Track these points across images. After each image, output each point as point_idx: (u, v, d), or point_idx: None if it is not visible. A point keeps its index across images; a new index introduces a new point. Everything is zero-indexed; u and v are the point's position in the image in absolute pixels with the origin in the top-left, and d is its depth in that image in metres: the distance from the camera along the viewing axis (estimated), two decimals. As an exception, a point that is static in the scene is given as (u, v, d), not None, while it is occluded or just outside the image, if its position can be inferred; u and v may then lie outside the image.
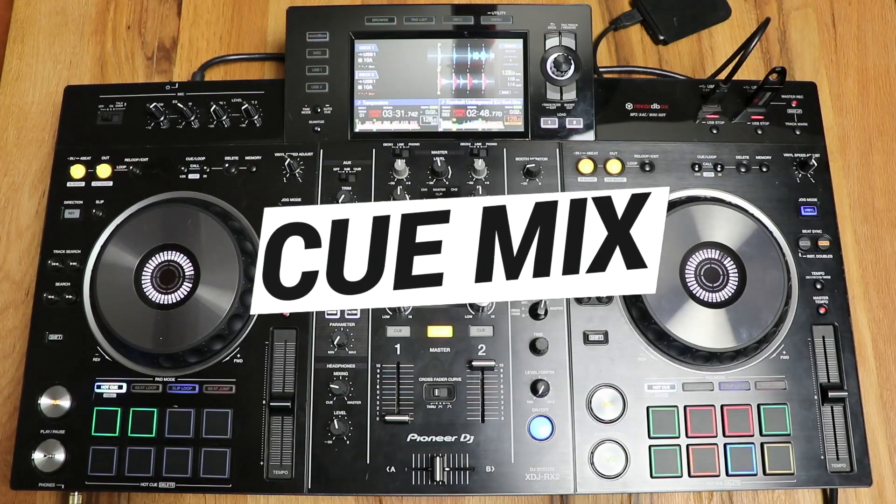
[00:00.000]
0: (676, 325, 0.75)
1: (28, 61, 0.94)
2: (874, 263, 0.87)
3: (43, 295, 0.78)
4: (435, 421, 0.74)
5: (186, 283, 0.76)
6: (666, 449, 0.74)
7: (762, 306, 0.75)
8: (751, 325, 0.75)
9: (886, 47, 0.95)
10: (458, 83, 0.85)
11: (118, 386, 0.76)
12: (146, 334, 0.75)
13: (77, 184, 0.82)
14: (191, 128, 0.84)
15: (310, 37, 0.85)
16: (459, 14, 0.85)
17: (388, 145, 0.83)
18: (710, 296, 0.76)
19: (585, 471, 0.73)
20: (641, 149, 0.83)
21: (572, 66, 0.84)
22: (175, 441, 0.74)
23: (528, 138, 0.84)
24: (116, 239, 0.78)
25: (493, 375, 0.76)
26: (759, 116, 0.85)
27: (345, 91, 0.84)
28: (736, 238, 0.77)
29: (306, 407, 0.75)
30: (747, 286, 0.76)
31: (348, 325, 0.77)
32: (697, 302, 0.76)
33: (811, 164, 0.82)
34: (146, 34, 0.96)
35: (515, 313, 0.77)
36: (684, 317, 0.75)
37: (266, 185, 0.82)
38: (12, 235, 0.88)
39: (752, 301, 0.75)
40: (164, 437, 0.74)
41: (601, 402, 0.75)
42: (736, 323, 0.75)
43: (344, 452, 0.74)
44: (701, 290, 0.76)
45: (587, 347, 0.77)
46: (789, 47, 0.96)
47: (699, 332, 0.75)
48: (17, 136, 0.91)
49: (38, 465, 0.74)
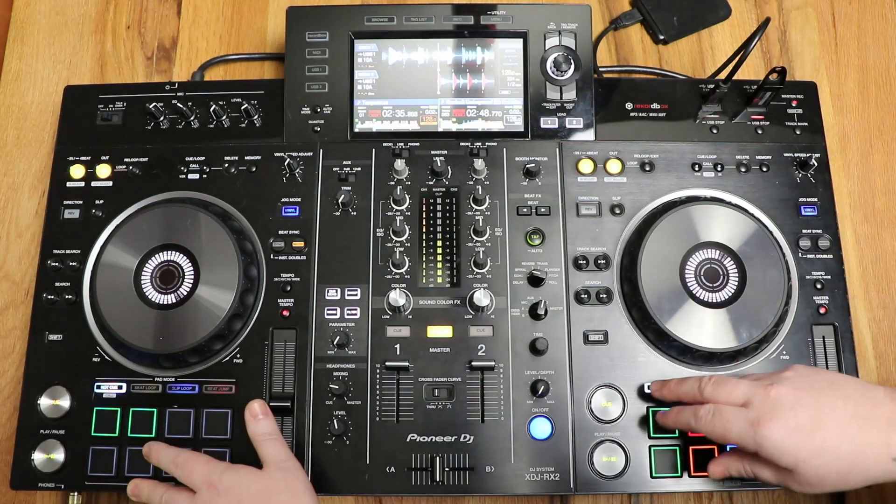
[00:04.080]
0: (676, 325, 0.75)
1: (28, 61, 0.94)
2: (874, 263, 0.87)
3: (43, 295, 0.78)
4: (435, 421, 0.74)
5: (186, 283, 0.76)
6: (666, 449, 0.74)
7: (762, 306, 0.75)
8: (751, 325, 0.75)
9: (887, 47, 0.95)
10: (458, 83, 0.85)
11: (118, 386, 0.76)
12: (146, 334, 0.75)
13: (77, 184, 0.82)
14: (190, 128, 0.84)
15: (309, 37, 0.85)
16: (459, 14, 0.85)
17: (387, 145, 0.83)
18: (710, 296, 0.76)
19: (585, 471, 0.73)
20: (641, 149, 0.83)
21: (572, 66, 0.84)
22: (175, 441, 0.73)
23: (527, 138, 0.83)
24: (116, 239, 0.78)
25: (492, 375, 0.75)
26: (760, 116, 0.85)
27: (344, 91, 0.84)
28: (736, 238, 0.77)
29: (306, 407, 0.75)
30: (747, 286, 0.76)
31: (348, 325, 0.77)
32: (697, 302, 0.76)
33: (811, 163, 0.82)
34: (146, 34, 0.96)
35: (515, 313, 0.77)
36: (684, 317, 0.75)
37: (266, 185, 0.82)
38: (12, 235, 0.88)
39: (752, 301, 0.75)
40: (163, 438, 0.74)
41: (601, 402, 0.75)
42: (736, 323, 0.75)
43: (344, 452, 0.74)
44: (701, 290, 0.76)
45: (587, 347, 0.76)
46: (789, 47, 0.96)
47: (699, 332, 0.74)
48: (17, 136, 0.91)
49: (38, 466, 0.74)
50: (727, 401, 0.66)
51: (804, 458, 0.61)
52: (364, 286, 0.78)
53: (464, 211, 0.81)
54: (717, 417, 0.65)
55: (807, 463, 0.61)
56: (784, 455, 0.61)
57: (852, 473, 0.61)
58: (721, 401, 0.66)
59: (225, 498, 0.65)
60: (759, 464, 0.65)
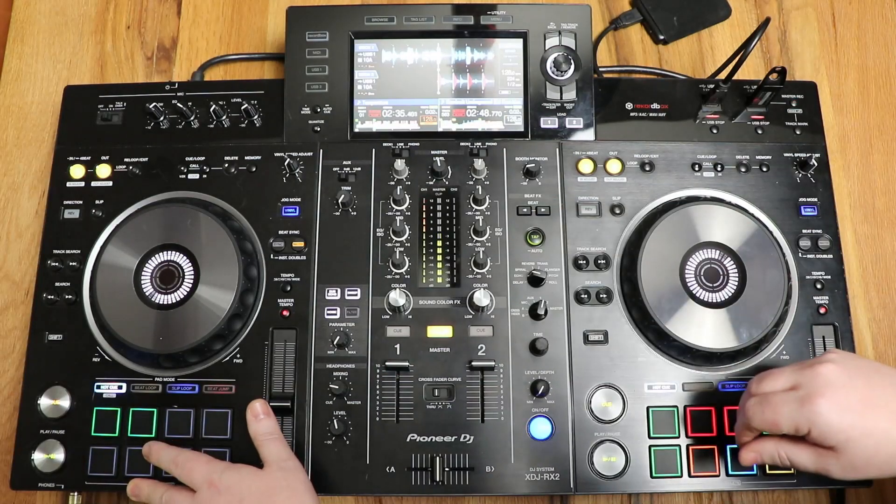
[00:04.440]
0: (676, 325, 0.75)
1: (28, 61, 0.94)
2: (874, 263, 0.87)
3: (42, 295, 0.78)
4: (435, 421, 0.74)
5: (186, 283, 0.76)
6: (666, 449, 0.74)
7: (762, 306, 0.75)
8: (751, 325, 0.74)
9: (887, 46, 0.95)
10: (458, 83, 0.85)
11: (118, 386, 0.76)
12: (146, 334, 0.75)
13: (77, 184, 0.82)
14: (190, 128, 0.84)
15: (309, 37, 0.85)
16: (459, 14, 0.85)
17: (387, 145, 0.83)
18: (710, 296, 0.76)
19: (585, 471, 0.73)
20: (641, 149, 0.83)
21: (572, 66, 0.84)
22: (175, 441, 0.73)
23: (527, 138, 0.83)
24: (116, 239, 0.78)
25: (492, 375, 0.75)
26: (760, 116, 0.85)
27: (344, 91, 0.84)
28: (736, 238, 0.77)
29: (306, 407, 0.75)
30: (747, 286, 0.76)
31: (348, 325, 0.77)
32: (697, 302, 0.75)
33: (811, 163, 0.82)
34: (146, 34, 0.96)
35: (515, 313, 0.77)
36: (684, 317, 0.75)
37: (266, 185, 0.82)
38: (12, 235, 0.88)
39: (752, 301, 0.75)
40: (163, 438, 0.74)
41: (601, 402, 0.75)
42: (736, 323, 0.75)
43: (344, 452, 0.74)
44: (701, 290, 0.76)
45: (587, 347, 0.76)
46: (789, 47, 0.96)
47: (699, 332, 0.74)
48: (17, 136, 0.91)
49: (38, 466, 0.74)
50: (773, 389, 0.64)
51: (855, 436, 0.59)
52: (364, 286, 0.78)
53: (464, 211, 0.81)
54: (765, 406, 0.63)
55: (857, 443, 0.59)
56: (836, 433, 0.59)
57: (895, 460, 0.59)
58: (767, 391, 0.64)
59: (226, 497, 0.65)
60: (798, 448, 0.63)
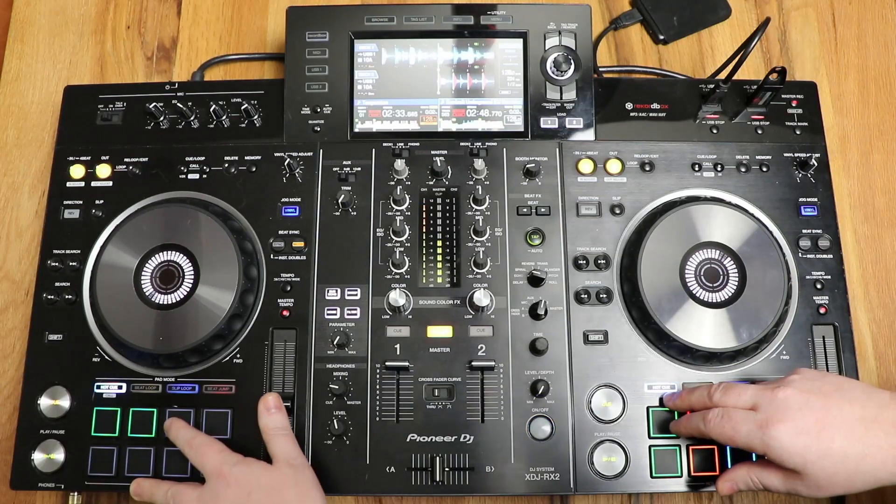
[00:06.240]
0: (676, 325, 0.75)
1: (28, 61, 0.94)
2: (874, 263, 0.87)
3: (42, 295, 0.78)
4: (435, 421, 0.74)
5: (186, 284, 0.76)
6: (666, 449, 0.74)
7: (762, 306, 0.75)
8: (751, 325, 0.74)
9: (887, 47, 0.95)
10: (458, 83, 0.85)
11: (118, 386, 0.76)
12: (146, 334, 0.75)
13: (77, 184, 0.82)
14: (190, 128, 0.84)
15: (309, 37, 0.85)
16: (459, 14, 0.85)
17: (387, 145, 0.83)
18: (710, 296, 0.76)
19: (585, 471, 0.73)
20: (641, 149, 0.83)
21: (572, 66, 0.84)
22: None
23: (527, 138, 0.83)
24: (116, 239, 0.78)
25: (492, 375, 0.75)
26: (760, 116, 0.85)
27: (344, 91, 0.84)
28: (736, 238, 0.77)
29: (306, 407, 0.75)
30: (747, 286, 0.76)
31: (348, 325, 0.77)
32: (697, 302, 0.75)
33: (811, 163, 0.82)
34: (146, 34, 0.96)
35: (515, 313, 0.77)
36: (684, 317, 0.75)
37: (266, 185, 0.82)
38: (12, 235, 0.88)
39: (752, 301, 0.75)
40: (163, 437, 0.74)
41: (601, 402, 0.75)
42: (736, 323, 0.75)
43: (344, 452, 0.74)
44: (701, 290, 0.76)
45: (587, 347, 0.76)
46: (789, 47, 0.96)
47: (699, 332, 0.74)
48: (17, 136, 0.91)
49: (38, 466, 0.74)
50: (735, 405, 0.66)
51: (812, 459, 0.61)
52: (364, 286, 0.78)
53: (464, 211, 0.81)
54: (725, 420, 0.65)
55: (815, 464, 0.61)
56: (791, 456, 0.62)
57: (859, 475, 0.61)
58: (730, 405, 0.66)
59: (234, 490, 0.65)
60: (767, 471, 0.65)
